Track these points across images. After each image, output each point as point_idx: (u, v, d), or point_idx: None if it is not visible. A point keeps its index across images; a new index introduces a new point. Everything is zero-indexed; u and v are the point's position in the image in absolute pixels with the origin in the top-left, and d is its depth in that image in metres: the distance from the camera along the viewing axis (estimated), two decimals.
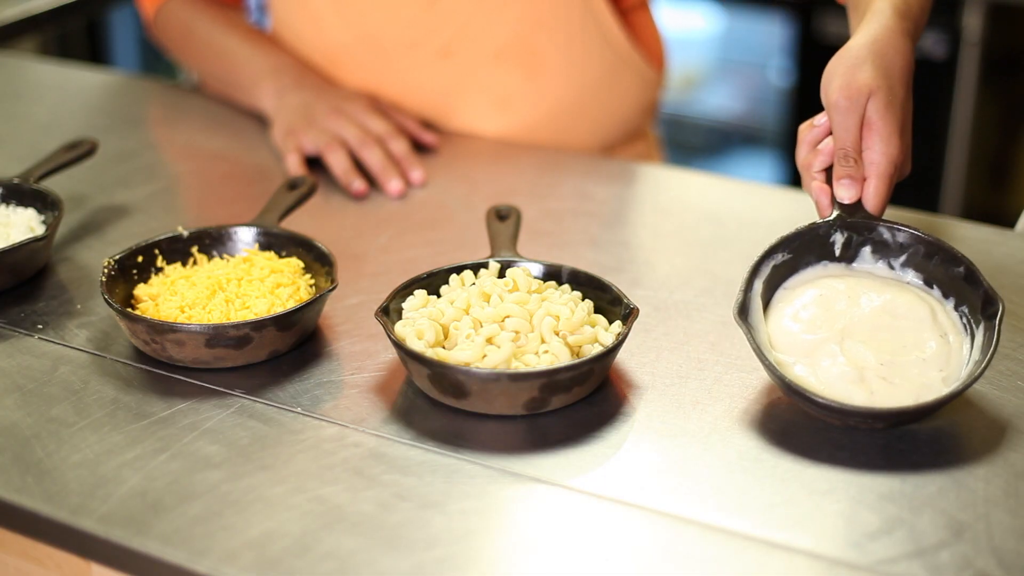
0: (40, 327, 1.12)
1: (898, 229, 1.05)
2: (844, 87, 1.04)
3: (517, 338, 1.01)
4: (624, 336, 1.00)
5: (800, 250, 1.06)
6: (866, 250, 1.06)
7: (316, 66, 1.58)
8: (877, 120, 1.04)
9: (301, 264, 1.14)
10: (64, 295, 1.18)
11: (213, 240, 1.18)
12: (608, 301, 1.07)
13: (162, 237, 1.16)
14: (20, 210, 1.24)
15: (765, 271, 1.05)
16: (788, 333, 1.01)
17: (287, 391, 1.03)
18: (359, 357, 1.07)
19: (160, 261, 1.15)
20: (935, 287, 1.05)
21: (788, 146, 3.06)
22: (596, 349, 1.01)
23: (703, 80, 3.61)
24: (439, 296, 1.08)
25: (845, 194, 1.05)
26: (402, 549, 0.85)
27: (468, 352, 0.99)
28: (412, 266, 1.19)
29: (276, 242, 1.17)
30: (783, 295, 1.05)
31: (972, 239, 1.29)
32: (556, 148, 1.55)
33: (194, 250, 1.17)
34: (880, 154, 1.04)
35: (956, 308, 1.03)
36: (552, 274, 1.10)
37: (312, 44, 1.58)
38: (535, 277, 1.09)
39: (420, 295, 1.07)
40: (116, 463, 0.94)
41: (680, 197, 1.45)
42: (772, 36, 3.27)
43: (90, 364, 1.07)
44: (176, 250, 1.16)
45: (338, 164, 1.42)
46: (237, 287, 1.09)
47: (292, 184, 1.27)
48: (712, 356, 1.07)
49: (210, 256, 1.17)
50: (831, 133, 1.07)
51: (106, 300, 1.06)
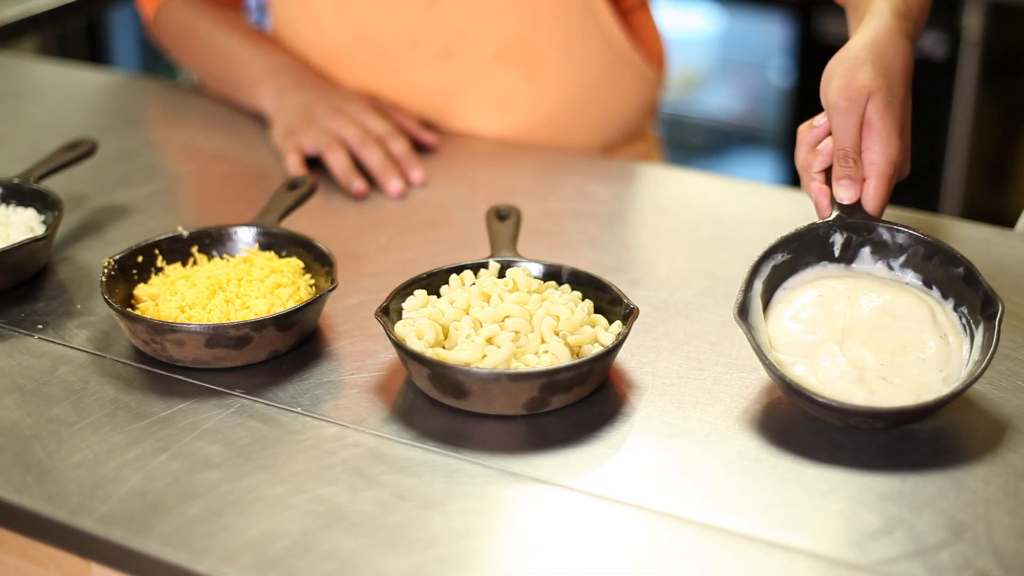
0: (40, 327, 1.12)
1: (897, 230, 1.05)
2: (844, 88, 1.04)
3: (517, 338, 1.01)
4: (624, 336, 1.00)
5: (800, 250, 1.06)
6: (865, 251, 1.06)
7: (316, 66, 1.58)
8: (877, 121, 1.04)
9: (301, 264, 1.14)
10: (64, 295, 1.18)
11: (213, 240, 1.18)
12: (608, 301, 1.07)
13: (162, 237, 1.16)
14: (20, 210, 1.24)
15: (765, 271, 1.04)
16: (788, 333, 1.01)
17: (287, 391, 1.03)
18: (359, 357, 1.07)
19: (160, 261, 1.15)
20: (934, 288, 1.04)
21: (788, 146, 3.06)
22: (596, 349, 1.01)
23: (703, 80, 3.61)
24: (439, 296, 1.08)
25: (844, 195, 1.05)
26: (402, 549, 0.85)
27: (468, 352, 0.99)
28: (412, 266, 1.19)
29: (276, 242, 1.17)
30: (782, 295, 1.05)
31: (972, 239, 1.29)
32: (556, 148, 1.55)
33: (194, 250, 1.17)
34: (880, 155, 1.04)
35: (955, 309, 1.03)
36: (552, 274, 1.10)
37: (312, 44, 1.58)
38: (535, 277, 1.09)
39: (420, 295, 1.07)
40: (116, 463, 0.94)
41: (680, 197, 1.45)
42: (772, 36, 3.27)
43: (90, 364, 1.07)
44: (176, 250, 1.16)
45: (338, 164, 1.42)
46: (237, 287, 1.09)
47: (292, 184, 1.27)
48: (712, 356, 1.07)
49: (210, 256, 1.17)
50: (830, 134, 1.07)
51: (106, 300, 1.06)
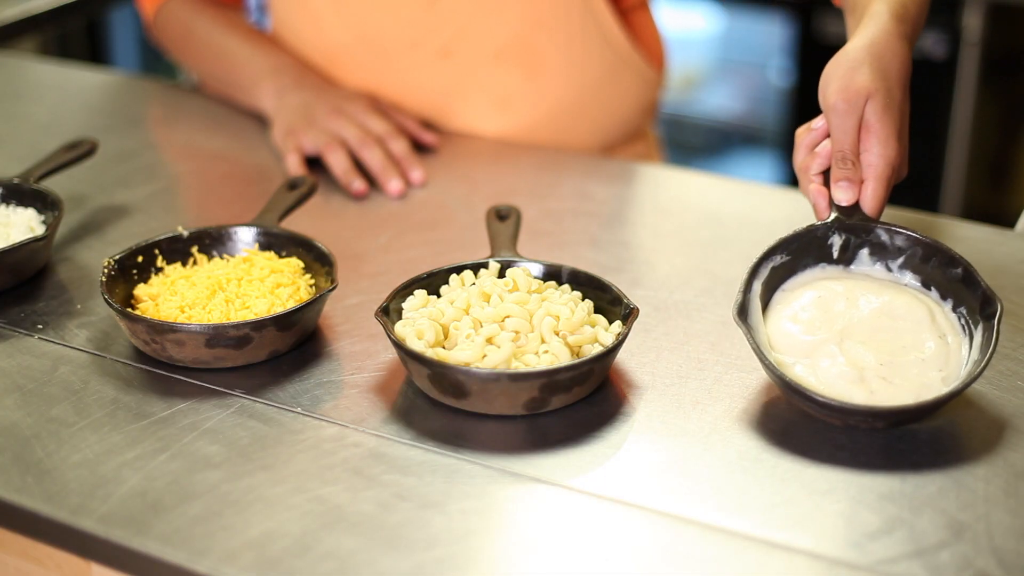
0: (40, 327, 1.12)
1: (896, 231, 1.05)
2: (842, 90, 1.04)
3: (517, 338, 1.01)
4: (624, 336, 1.00)
5: (798, 252, 1.06)
6: (864, 252, 1.06)
7: (316, 66, 1.58)
8: (875, 123, 1.04)
9: (301, 264, 1.14)
10: (64, 295, 1.18)
11: (213, 240, 1.18)
12: (608, 301, 1.07)
13: (162, 237, 1.16)
14: (20, 210, 1.24)
15: (764, 273, 1.04)
16: (787, 335, 1.01)
17: (287, 391, 1.03)
18: (359, 357, 1.07)
19: (160, 261, 1.15)
20: (933, 289, 1.04)
21: (788, 146, 3.05)
22: (596, 349, 1.01)
23: (703, 80, 3.60)
24: (439, 296, 1.08)
25: (843, 196, 1.05)
26: (402, 549, 0.85)
27: (468, 352, 0.99)
28: (412, 266, 1.19)
29: (276, 242, 1.17)
30: (781, 297, 1.05)
31: (972, 239, 1.29)
32: (556, 148, 1.55)
33: (194, 250, 1.17)
34: (878, 156, 1.04)
35: (954, 309, 1.03)
36: (552, 274, 1.10)
37: (312, 44, 1.58)
38: (535, 277, 1.09)
39: (420, 295, 1.07)
40: (116, 463, 0.94)
41: (680, 197, 1.45)
42: (772, 36, 3.27)
43: (90, 364, 1.07)
44: (176, 250, 1.16)
45: (338, 164, 1.42)
46: (237, 287, 1.09)
47: (292, 184, 1.27)
48: (712, 356, 1.07)
49: (210, 256, 1.17)
50: (828, 136, 1.07)
51: (106, 300, 1.06)
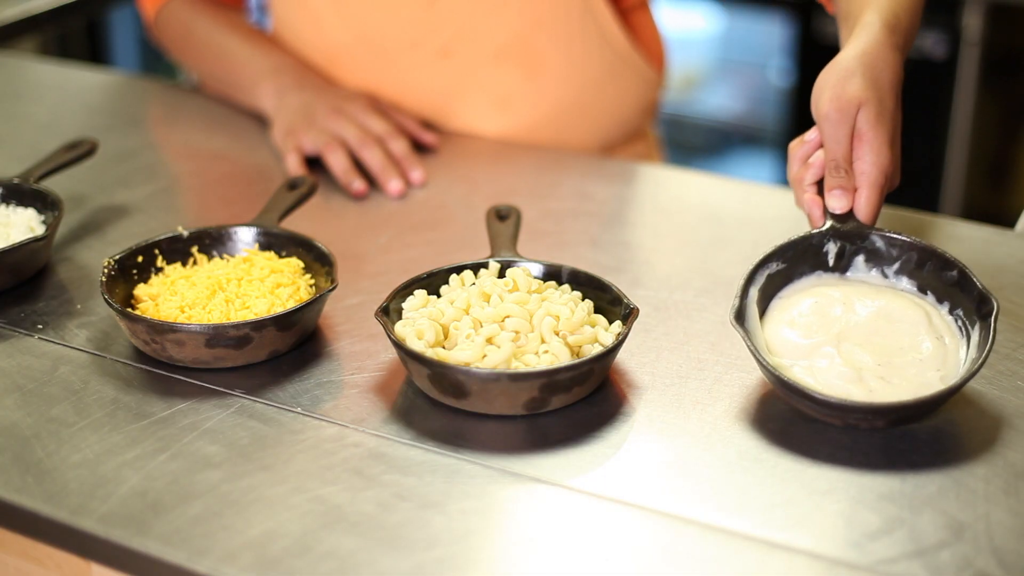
0: (40, 327, 1.12)
1: (890, 237, 1.06)
2: (834, 99, 1.05)
3: (517, 338, 1.01)
4: (624, 336, 1.00)
5: (794, 260, 1.06)
6: (859, 259, 1.07)
7: (316, 66, 1.58)
8: (868, 131, 1.05)
9: (301, 264, 1.14)
10: (64, 295, 1.18)
11: (213, 240, 1.18)
12: (608, 301, 1.07)
13: (162, 237, 1.16)
14: (20, 210, 1.24)
15: (760, 279, 1.05)
16: (785, 340, 1.01)
17: (287, 391, 1.03)
18: (359, 357, 1.07)
19: (160, 261, 1.15)
20: (929, 293, 1.05)
21: (788, 146, 3.05)
22: (596, 349, 1.01)
23: (703, 80, 3.61)
24: (439, 296, 1.08)
25: (837, 204, 1.06)
26: (402, 549, 0.85)
27: (468, 352, 0.99)
28: (412, 266, 1.19)
29: (276, 242, 1.17)
30: (778, 304, 1.05)
31: (972, 239, 1.29)
32: (556, 148, 1.55)
33: (194, 250, 1.17)
34: (871, 164, 1.05)
35: (951, 312, 1.03)
36: (552, 274, 1.10)
37: (312, 44, 1.58)
38: (535, 277, 1.09)
39: (420, 295, 1.07)
40: (116, 463, 0.94)
41: (680, 197, 1.45)
42: (772, 36, 3.27)
43: (90, 364, 1.07)
44: (176, 250, 1.16)
45: (338, 164, 1.42)
46: (237, 287, 1.09)
47: (292, 184, 1.27)
48: (712, 356, 1.07)
49: (210, 256, 1.17)
50: (821, 148, 1.08)
51: (106, 300, 1.06)
